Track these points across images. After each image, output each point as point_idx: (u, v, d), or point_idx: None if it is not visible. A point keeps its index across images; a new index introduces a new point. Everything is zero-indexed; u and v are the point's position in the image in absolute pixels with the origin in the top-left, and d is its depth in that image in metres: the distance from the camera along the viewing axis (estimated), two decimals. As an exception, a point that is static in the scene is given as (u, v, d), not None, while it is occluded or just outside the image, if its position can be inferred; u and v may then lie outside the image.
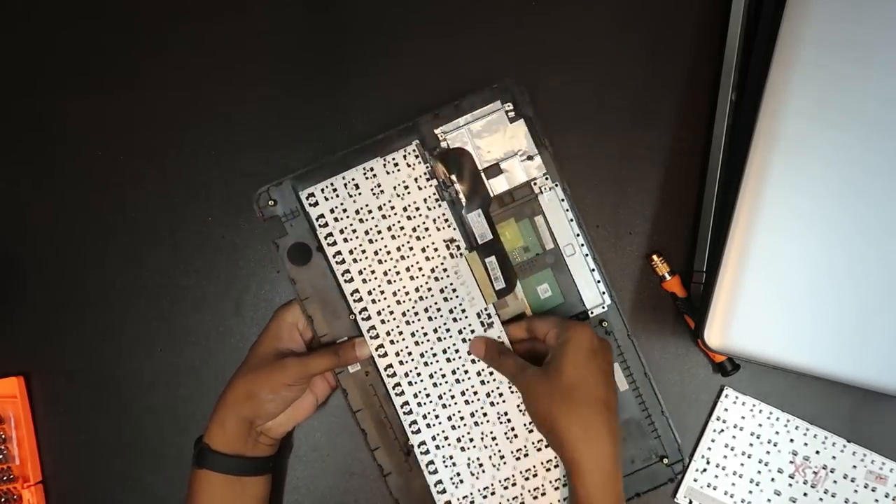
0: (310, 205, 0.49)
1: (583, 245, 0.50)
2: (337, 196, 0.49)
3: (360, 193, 0.49)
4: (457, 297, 0.49)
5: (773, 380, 0.51)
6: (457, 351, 0.49)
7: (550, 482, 0.49)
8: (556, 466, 0.49)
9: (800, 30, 0.44)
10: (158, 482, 0.53)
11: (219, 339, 0.53)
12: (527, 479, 0.49)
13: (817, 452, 0.51)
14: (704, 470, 0.51)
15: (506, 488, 0.49)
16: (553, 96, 0.53)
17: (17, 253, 0.54)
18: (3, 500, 0.51)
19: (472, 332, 0.49)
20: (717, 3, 0.52)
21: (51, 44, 0.55)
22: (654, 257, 0.52)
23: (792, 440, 0.51)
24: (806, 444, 0.51)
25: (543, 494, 0.49)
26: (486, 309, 0.49)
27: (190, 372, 0.53)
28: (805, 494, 0.51)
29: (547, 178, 0.50)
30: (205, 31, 0.54)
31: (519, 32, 0.54)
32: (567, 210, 0.50)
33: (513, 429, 0.49)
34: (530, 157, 0.49)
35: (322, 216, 0.49)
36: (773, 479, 0.51)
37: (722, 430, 0.51)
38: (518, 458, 0.49)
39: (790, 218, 0.44)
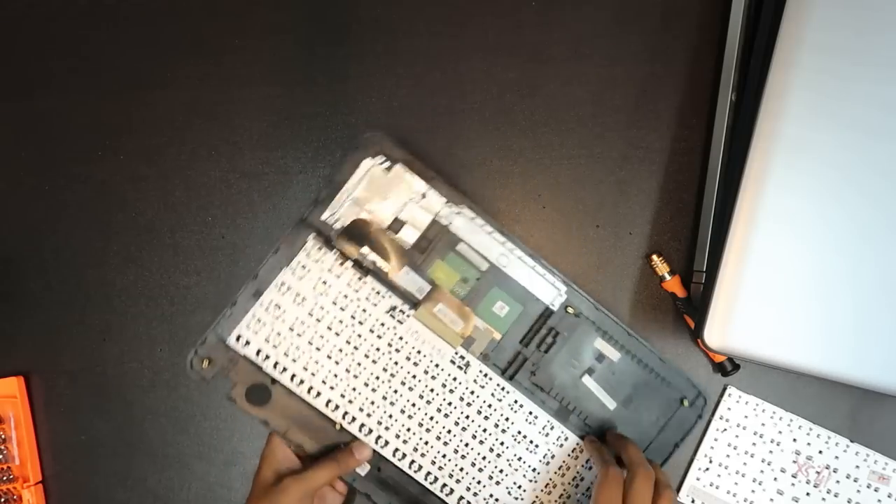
0: (243, 346, 0.48)
1: (513, 249, 0.49)
2: (264, 325, 0.48)
3: (284, 311, 0.48)
4: (424, 357, 0.49)
5: (773, 380, 0.51)
6: (450, 404, 0.49)
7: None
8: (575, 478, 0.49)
9: (799, 30, 0.44)
10: (158, 482, 0.53)
11: (219, 339, 0.53)
12: None
13: (820, 452, 0.51)
14: (707, 469, 0.51)
15: None
16: (553, 97, 0.53)
17: (17, 253, 0.54)
18: (3, 500, 0.51)
19: (455, 379, 0.49)
20: (717, 4, 0.52)
21: (51, 44, 0.55)
22: (654, 257, 0.52)
23: (795, 440, 0.51)
24: (809, 444, 0.51)
25: None
26: (456, 353, 0.49)
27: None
28: (808, 494, 0.50)
29: (450, 205, 0.49)
30: (205, 32, 0.54)
31: (518, 33, 0.54)
32: (483, 225, 0.49)
33: (528, 464, 0.50)
34: (424, 196, 0.49)
35: (259, 350, 0.48)
36: (775, 479, 0.51)
37: (725, 430, 0.51)
38: (545, 490, 0.50)
39: (790, 218, 0.44)
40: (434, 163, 0.53)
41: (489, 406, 0.49)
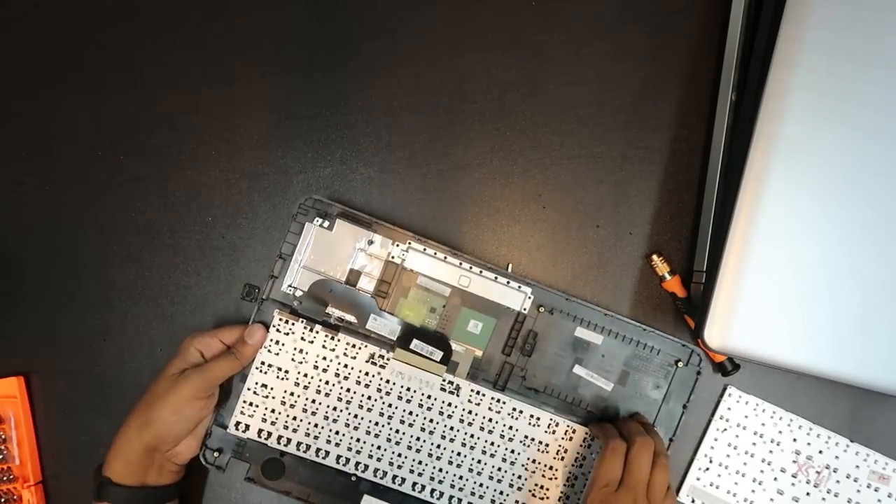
0: (243, 431, 0.49)
1: (470, 267, 0.50)
2: (255, 407, 0.49)
3: (271, 388, 0.50)
4: (415, 392, 0.50)
5: (773, 380, 0.51)
6: (452, 429, 0.50)
7: None
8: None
9: (799, 30, 0.44)
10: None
11: (219, 340, 0.53)
12: None
13: (820, 452, 0.51)
14: (707, 469, 0.51)
15: None
16: (553, 97, 0.53)
17: (17, 253, 0.54)
18: (3, 500, 0.51)
19: (450, 405, 0.50)
20: (717, 4, 0.52)
21: (51, 43, 0.55)
22: (654, 257, 0.52)
23: (795, 440, 0.51)
24: (809, 444, 0.51)
25: None
26: (444, 379, 0.50)
27: (190, 372, 0.53)
28: (808, 494, 0.50)
29: (397, 245, 0.50)
30: (205, 31, 0.54)
31: (518, 33, 0.54)
32: (434, 254, 0.50)
33: (543, 464, 0.50)
34: (371, 242, 0.49)
35: (261, 430, 0.49)
36: (775, 479, 0.51)
37: (725, 430, 0.51)
38: (567, 484, 0.50)
39: (790, 218, 0.44)
40: (434, 164, 0.53)
41: (490, 420, 0.50)
